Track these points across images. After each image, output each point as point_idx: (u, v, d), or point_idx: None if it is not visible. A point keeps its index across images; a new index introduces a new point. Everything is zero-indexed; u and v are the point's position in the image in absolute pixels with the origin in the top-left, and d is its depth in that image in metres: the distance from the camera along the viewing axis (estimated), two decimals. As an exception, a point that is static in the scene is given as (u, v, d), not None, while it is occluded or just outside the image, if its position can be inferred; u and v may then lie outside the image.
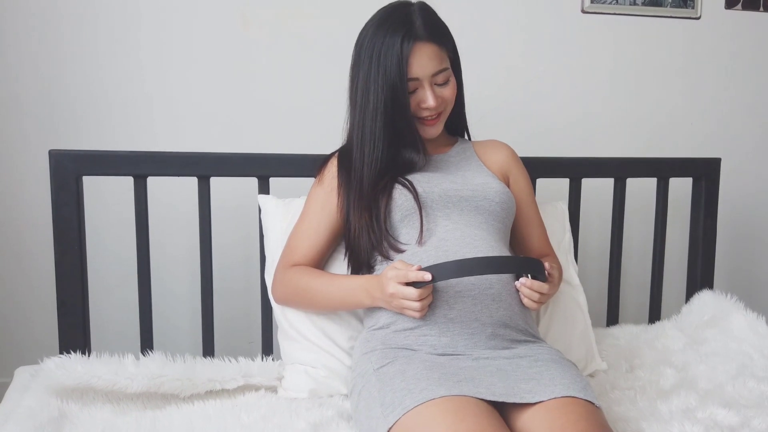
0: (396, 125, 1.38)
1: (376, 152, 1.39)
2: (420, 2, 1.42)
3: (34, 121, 1.98)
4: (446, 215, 1.39)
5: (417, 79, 1.37)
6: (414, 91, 1.38)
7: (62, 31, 1.95)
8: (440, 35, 1.39)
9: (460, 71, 1.49)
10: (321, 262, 1.49)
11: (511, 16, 2.20)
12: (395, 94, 1.34)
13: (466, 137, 1.62)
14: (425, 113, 1.41)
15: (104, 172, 1.62)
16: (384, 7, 1.41)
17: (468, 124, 1.61)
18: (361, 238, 1.39)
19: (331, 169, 1.48)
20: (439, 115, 1.44)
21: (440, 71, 1.38)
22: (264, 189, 1.69)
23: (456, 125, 1.58)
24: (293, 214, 1.56)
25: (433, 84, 1.39)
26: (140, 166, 1.62)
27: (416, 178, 1.42)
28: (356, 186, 1.40)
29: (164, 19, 2.00)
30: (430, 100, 1.38)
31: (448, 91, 1.42)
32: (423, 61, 1.35)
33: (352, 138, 1.43)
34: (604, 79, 2.29)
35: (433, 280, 1.22)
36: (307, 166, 1.65)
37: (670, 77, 2.34)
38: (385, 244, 1.38)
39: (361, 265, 1.42)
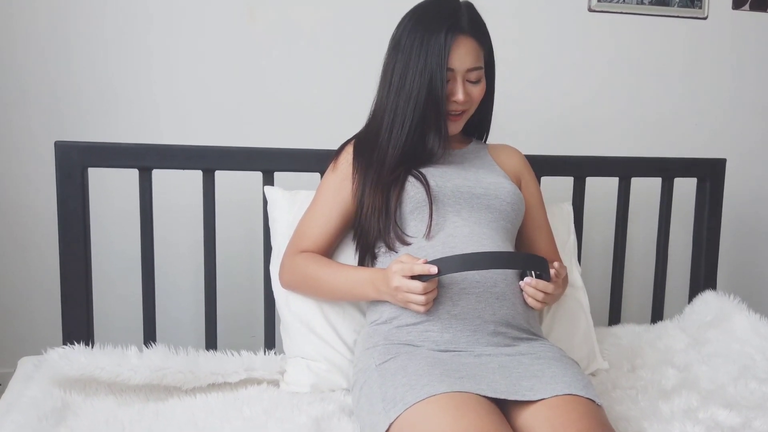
0: (426, 112, 1.38)
1: (402, 136, 1.40)
2: (467, 1, 1.43)
3: (41, 113, 1.98)
4: (456, 211, 1.39)
5: (452, 70, 1.38)
6: (447, 82, 1.39)
7: (70, 23, 1.96)
8: (482, 34, 1.41)
9: (494, 76, 1.50)
10: (330, 250, 1.49)
11: (517, 14, 2.20)
12: (432, 82, 1.36)
13: (483, 141, 1.62)
14: (452, 106, 1.42)
15: (109, 164, 1.62)
16: None
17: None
18: (372, 218, 1.39)
19: (346, 156, 1.48)
20: (463, 112, 1.44)
21: (475, 68, 1.40)
22: (268, 183, 1.69)
23: (480, 128, 1.59)
24: (300, 206, 1.57)
25: (466, 80, 1.40)
26: (145, 159, 1.62)
27: (430, 172, 1.43)
28: (377, 167, 1.41)
29: (171, 13, 2.00)
30: (459, 94, 1.39)
31: (478, 91, 1.43)
32: (462, 54, 1.37)
33: (380, 119, 1.44)
34: (610, 77, 2.29)
35: (439, 273, 1.22)
36: (312, 161, 1.65)
37: (676, 77, 2.33)
38: (392, 234, 1.38)
39: (368, 248, 1.43)
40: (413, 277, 1.24)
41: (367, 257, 1.44)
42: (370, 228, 1.40)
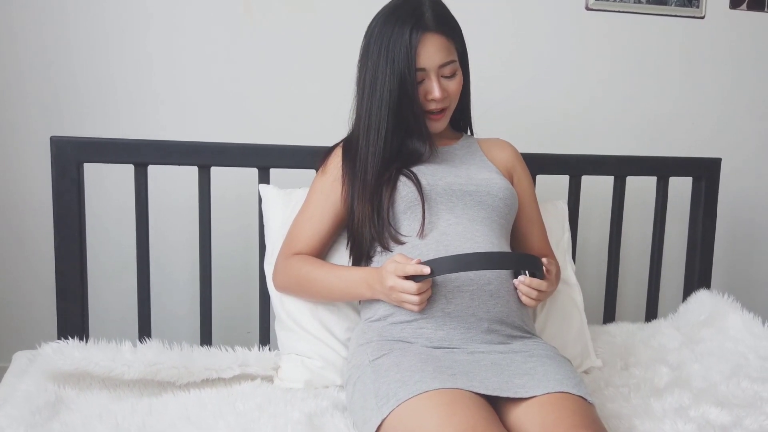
0: (402, 115, 1.38)
1: (380, 141, 1.39)
2: None
3: (38, 108, 1.98)
4: (449, 209, 1.39)
5: (424, 69, 1.37)
6: (421, 82, 1.39)
7: (68, 18, 1.95)
8: (449, 28, 1.39)
9: (468, 67, 1.49)
10: (323, 252, 1.49)
11: (515, 12, 2.20)
12: (403, 83, 1.35)
13: (469, 133, 1.62)
14: (432, 105, 1.41)
15: (105, 160, 1.62)
16: None
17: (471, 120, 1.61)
18: (364, 228, 1.39)
19: (335, 159, 1.48)
20: (444, 109, 1.44)
21: (447, 63, 1.39)
22: (264, 179, 1.69)
23: (461, 120, 1.58)
24: (294, 204, 1.57)
25: (440, 76, 1.39)
26: (141, 155, 1.62)
27: (421, 170, 1.43)
28: (361, 175, 1.41)
29: (168, 9, 2.00)
30: (436, 92, 1.38)
31: (455, 85, 1.42)
32: (430, 51, 1.36)
33: (358, 127, 1.44)
34: (607, 76, 2.29)
35: (432, 274, 1.22)
36: (308, 157, 1.65)
37: (673, 76, 2.34)
38: (386, 235, 1.39)
39: (362, 254, 1.43)
40: (407, 277, 1.24)
41: (362, 260, 1.44)
42: (363, 236, 1.40)
